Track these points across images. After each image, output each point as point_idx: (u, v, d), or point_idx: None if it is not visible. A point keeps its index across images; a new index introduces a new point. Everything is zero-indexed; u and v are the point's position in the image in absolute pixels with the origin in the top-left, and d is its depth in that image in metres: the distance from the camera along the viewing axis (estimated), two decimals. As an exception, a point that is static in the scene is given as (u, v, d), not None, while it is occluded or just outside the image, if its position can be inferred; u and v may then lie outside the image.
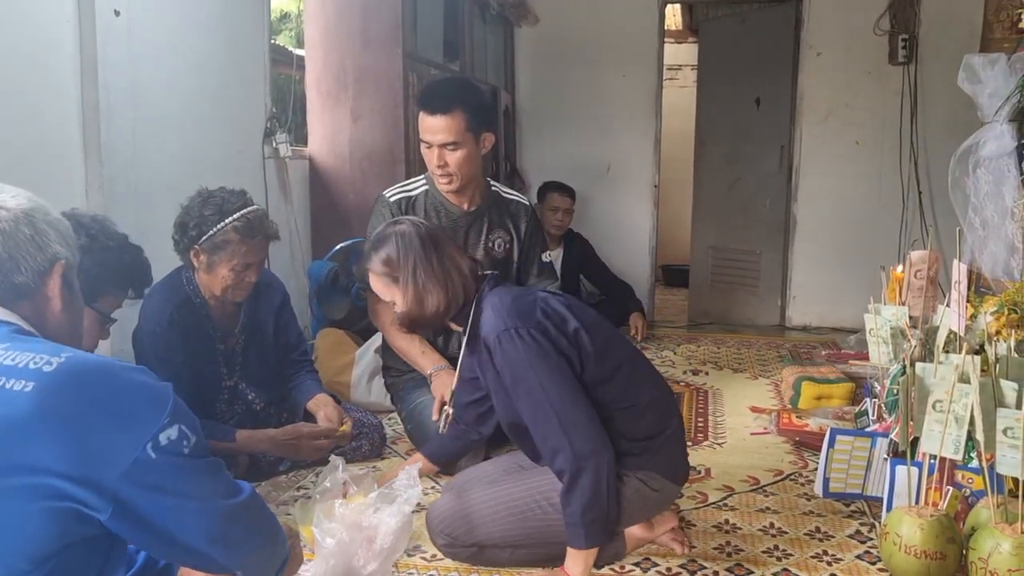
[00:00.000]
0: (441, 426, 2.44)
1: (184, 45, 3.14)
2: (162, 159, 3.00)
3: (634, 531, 2.09)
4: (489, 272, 2.16)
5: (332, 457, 2.17)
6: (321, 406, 2.69)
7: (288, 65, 4.10)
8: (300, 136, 4.15)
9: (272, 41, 3.87)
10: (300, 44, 4.31)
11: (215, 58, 3.33)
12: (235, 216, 2.37)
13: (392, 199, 2.79)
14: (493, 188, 2.89)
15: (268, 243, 2.48)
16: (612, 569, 2.05)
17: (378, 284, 2.05)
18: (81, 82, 2.63)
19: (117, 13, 2.74)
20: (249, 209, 2.41)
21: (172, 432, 1.13)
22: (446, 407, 2.40)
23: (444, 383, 2.63)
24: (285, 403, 2.77)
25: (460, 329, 2.10)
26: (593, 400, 1.92)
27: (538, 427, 1.89)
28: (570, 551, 1.89)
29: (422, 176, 2.86)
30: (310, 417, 2.71)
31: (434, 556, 2.11)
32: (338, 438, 2.64)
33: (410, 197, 2.79)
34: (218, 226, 2.35)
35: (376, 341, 3.28)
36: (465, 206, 2.80)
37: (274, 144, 3.71)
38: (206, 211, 2.37)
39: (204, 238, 2.36)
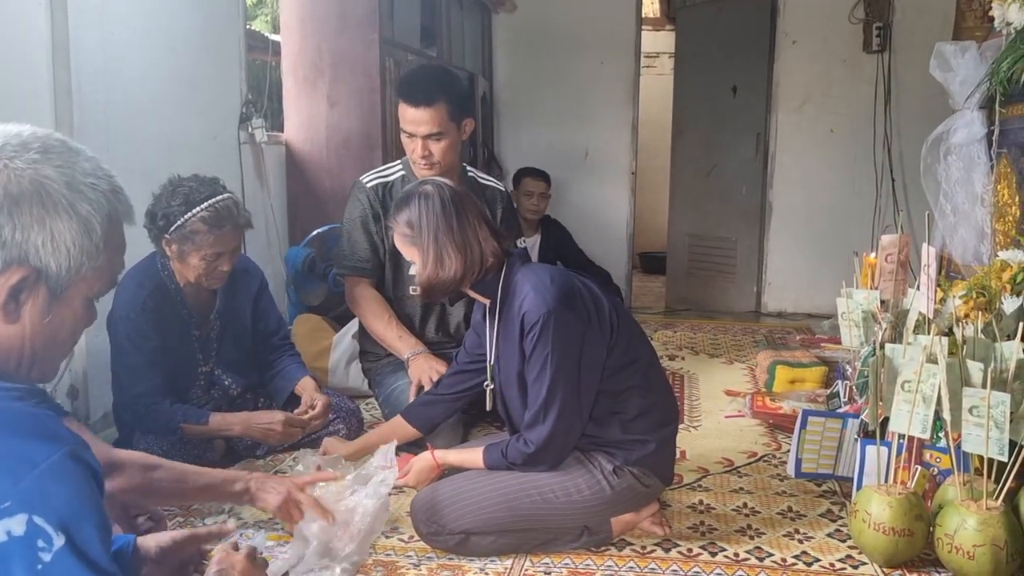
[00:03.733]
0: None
1: (158, 29, 3.11)
2: (136, 144, 2.98)
3: (622, 516, 2.12)
4: (517, 247, 2.17)
5: (301, 451, 2.19)
6: (304, 390, 2.69)
7: (264, 51, 4.07)
8: (276, 122, 4.13)
9: (247, 26, 3.84)
10: (276, 29, 4.28)
11: (190, 43, 3.31)
12: (202, 206, 2.34)
13: (369, 185, 2.79)
14: (469, 174, 2.90)
15: (240, 232, 2.46)
16: (589, 549, 2.07)
17: (400, 244, 2.09)
18: (53, 65, 2.60)
19: (89, -5, 2.71)
20: (218, 198, 2.38)
21: (14, 524, 0.80)
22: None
23: (421, 367, 2.64)
24: (262, 389, 2.77)
25: (485, 300, 2.12)
26: (612, 385, 2.01)
27: (537, 400, 1.96)
28: (468, 455, 2.11)
29: (398, 161, 2.86)
30: (294, 402, 2.70)
31: (411, 537, 2.12)
32: (310, 426, 2.62)
33: (387, 183, 2.80)
34: (185, 216, 2.33)
35: (353, 327, 3.29)
36: (442, 191, 2.80)
37: (250, 130, 3.69)
38: (174, 201, 2.35)
39: (172, 228, 2.35)
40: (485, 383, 2.19)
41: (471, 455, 2.11)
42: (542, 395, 1.95)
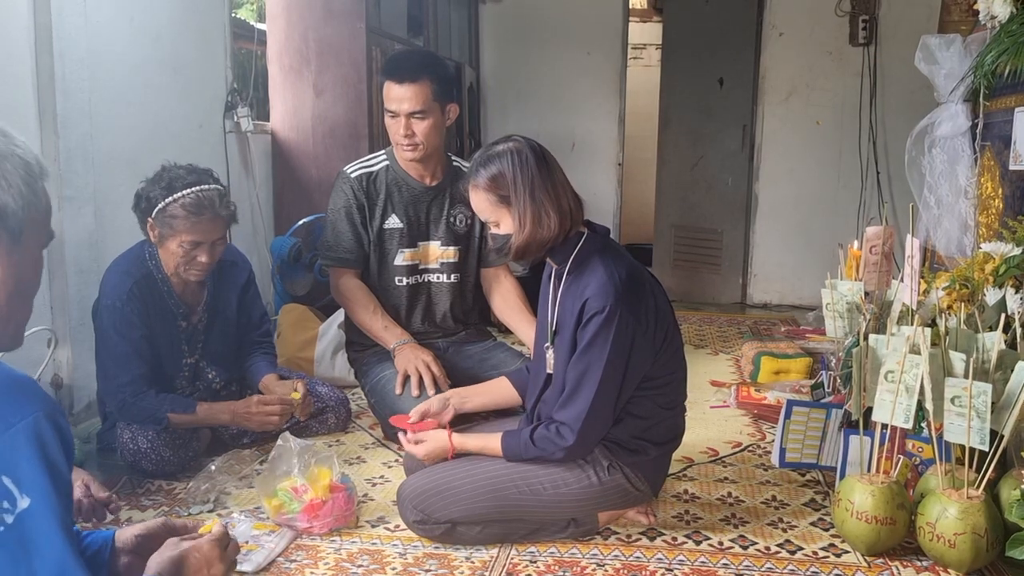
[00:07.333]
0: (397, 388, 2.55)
1: (142, 16, 3.08)
2: (120, 132, 2.96)
3: None
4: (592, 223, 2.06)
5: (282, 435, 2.18)
6: (269, 385, 2.66)
7: (250, 40, 4.05)
8: (262, 111, 4.10)
9: (233, 14, 3.82)
10: (261, 18, 4.25)
11: (175, 30, 3.28)
12: (184, 192, 2.33)
13: (353, 175, 2.78)
14: (454, 163, 2.89)
15: (221, 223, 2.41)
16: (575, 538, 2.08)
17: (481, 203, 1.96)
18: (35, 52, 2.58)
19: (73, -19, 2.68)
20: (202, 187, 2.36)
21: None
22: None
23: (407, 357, 2.64)
24: (245, 381, 2.76)
25: (556, 265, 2.03)
26: (644, 394, 1.99)
27: (572, 392, 1.93)
28: (487, 440, 2.04)
29: (383, 152, 2.85)
30: None
31: (398, 526, 2.13)
32: (289, 405, 2.59)
33: (371, 173, 2.78)
34: (165, 200, 2.33)
35: (339, 317, 3.28)
36: (427, 181, 2.79)
37: (235, 118, 3.67)
38: (159, 184, 2.35)
39: (153, 212, 2.34)
40: (545, 345, 2.08)
41: (490, 441, 2.04)
42: (581, 385, 1.91)
